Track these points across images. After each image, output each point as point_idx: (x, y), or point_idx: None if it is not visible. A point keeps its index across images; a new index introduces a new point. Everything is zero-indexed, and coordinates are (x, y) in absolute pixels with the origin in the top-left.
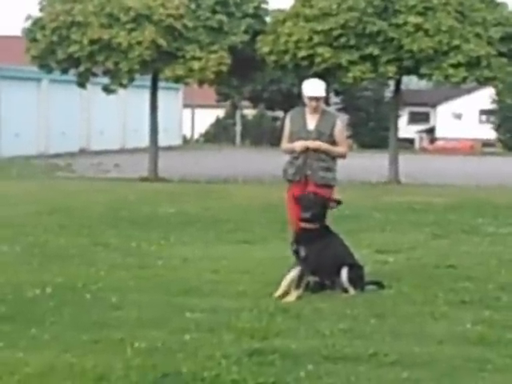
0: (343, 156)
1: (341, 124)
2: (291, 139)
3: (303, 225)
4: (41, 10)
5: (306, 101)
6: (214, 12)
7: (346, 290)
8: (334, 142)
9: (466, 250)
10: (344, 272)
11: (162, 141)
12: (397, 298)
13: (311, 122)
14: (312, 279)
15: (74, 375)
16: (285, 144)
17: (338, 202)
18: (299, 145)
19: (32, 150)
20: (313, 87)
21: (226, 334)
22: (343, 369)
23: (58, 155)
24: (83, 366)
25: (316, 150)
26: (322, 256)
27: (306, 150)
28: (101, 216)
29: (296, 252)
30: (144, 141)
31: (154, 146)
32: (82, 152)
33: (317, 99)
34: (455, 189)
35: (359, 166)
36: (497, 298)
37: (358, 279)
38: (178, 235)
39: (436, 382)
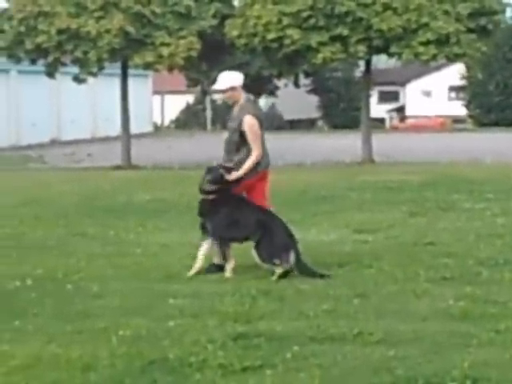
0: (254, 157)
1: (250, 121)
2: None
3: (203, 196)
4: (7, 0)
5: None
6: None
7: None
8: (240, 138)
9: (444, 227)
10: (254, 252)
11: (134, 128)
12: (378, 276)
13: (232, 115)
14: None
15: (60, 366)
16: None
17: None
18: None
19: (3, 142)
20: (219, 79)
21: (210, 318)
22: (329, 349)
23: (29, 146)
24: (69, 356)
25: (227, 143)
26: (226, 226)
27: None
28: (76, 206)
29: (202, 225)
30: (115, 129)
31: (127, 134)
32: (54, 142)
33: (220, 91)
34: (429, 166)
35: (332, 147)
36: (477, 273)
37: (265, 252)
38: (155, 222)
39: (423, 358)
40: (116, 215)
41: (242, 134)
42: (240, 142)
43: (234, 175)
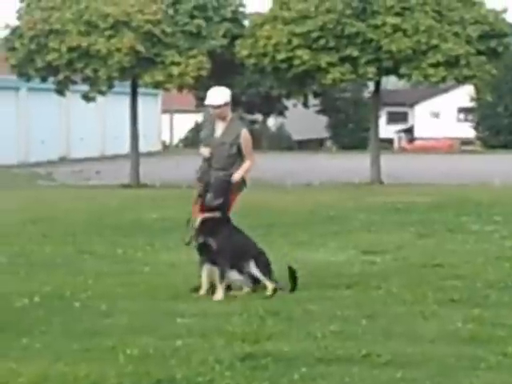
0: (248, 169)
1: (247, 134)
2: (203, 144)
3: (207, 214)
4: (18, 18)
5: (209, 109)
6: (192, 17)
7: (255, 283)
8: (238, 151)
9: (452, 249)
10: (252, 265)
11: (142, 147)
12: (386, 298)
13: (218, 130)
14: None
15: None
16: (201, 147)
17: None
18: (202, 151)
19: (12, 159)
20: (212, 95)
21: (218, 338)
22: (337, 370)
23: (38, 164)
24: (76, 375)
25: (218, 159)
26: (230, 246)
27: (209, 158)
28: (85, 224)
29: (204, 245)
30: (124, 147)
31: (135, 153)
32: (62, 160)
33: (215, 107)
34: (437, 188)
35: (341, 168)
36: (485, 295)
37: (265, 268)
38: (163, 241)
39: (431, 381)
40: (124, 233)
41: (239, 148)
42: (237, 156)
43: (237, 176)
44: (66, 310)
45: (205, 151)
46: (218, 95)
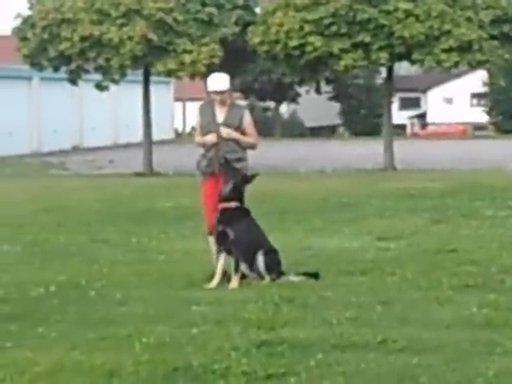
0: (254, 146)
1: (249, 116)
2: (202, 133)
3: (224, 205)
4: (30, 8)
5: (212, 95)
6: (204, 5)
7: (262, 277)
8: (243, 134)
9: (467, 234)
10: (260, 258)
11: (155, 135)
12: (401, 284)
13: (220, 115)
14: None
15: (83, 372)
16: (197, 137)
17: (254, 176)
18: (209, 138)
19: (25, 149)
20: (215, 81)
21: (234, 325)
22: (353, 357)
23: (51, 153)
24: (92, 363)
25: (227, 141)
26: (245, 238)
27: (217, 143)
28: (98, 213)
29: (223, 233)
30: (136, 136)
31: (148, 141)
32: (75, 149)
33: (220, 93)
34: (450, 173)
35: (354, 154)
36: (501, 280)
37: (273, 265)
38: (178, 229)
39: (446, 366)
40: (138, 222)
41: (242, 131)
42: None
43: (242, 138)
44: (81, 299)
45: (212, 137)
46: (222, 81)
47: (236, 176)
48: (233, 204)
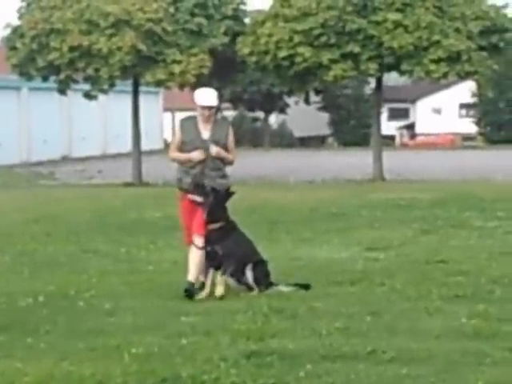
0: (232, 163)
1: (232, 132)
2: (183, 149)
3: (210, 226)
4: (19, 18)
5: (199, 110)
6: (193, 15)
7: (250, 289)
8: (225, 150)
9: (456, 245)
10: (248, 270)
11: (144, 145)
12: (390, 294)
13: (205, 132)
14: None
15: (73, 383)
16: (174, 153)
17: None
18: (196, 155)
19: (14, 159)
20: (206, 97)
21: (222, 336)
22: (342, 367)
23: (40, 163)
24: (81, 374)
25: (213, 159)
26: (234, 254)
27: (204, 159)
28: (88, 223)
29: (212, 252)
30: (126, 146)
31: (137, 151)
32: (64, 159)
33: (209, 108)
34: (439, 184)
35: (343, 164)
36: (490, 291)
37: (262, 277)
38: (166, 239)
39: (436, 377)
40: (127, 232)
41: (226, 147)
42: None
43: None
44: (70, 309)
45: (200, 154)
46: (213, 96)
47: (210, 197)
48: (217, 225)
